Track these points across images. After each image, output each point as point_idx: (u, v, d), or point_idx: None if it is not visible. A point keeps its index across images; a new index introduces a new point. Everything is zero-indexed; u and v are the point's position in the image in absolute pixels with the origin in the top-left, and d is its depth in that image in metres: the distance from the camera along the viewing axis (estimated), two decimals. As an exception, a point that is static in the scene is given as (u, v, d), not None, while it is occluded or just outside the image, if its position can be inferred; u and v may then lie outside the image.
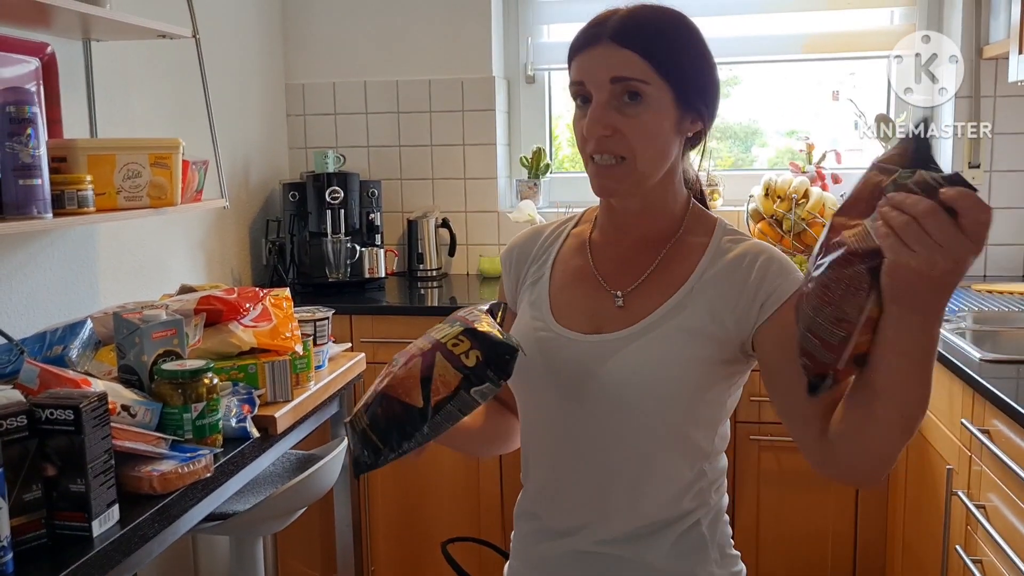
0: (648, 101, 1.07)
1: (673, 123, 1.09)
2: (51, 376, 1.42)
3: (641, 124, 1.07)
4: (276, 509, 1.79)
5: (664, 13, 1.11)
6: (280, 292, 1.88)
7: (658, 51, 1.07)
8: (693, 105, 1.10)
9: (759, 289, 1.10)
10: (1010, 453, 1.63)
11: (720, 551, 1.18)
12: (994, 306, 2.42)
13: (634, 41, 1.06)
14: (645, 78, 1.06)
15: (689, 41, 1.11)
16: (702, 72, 1.12)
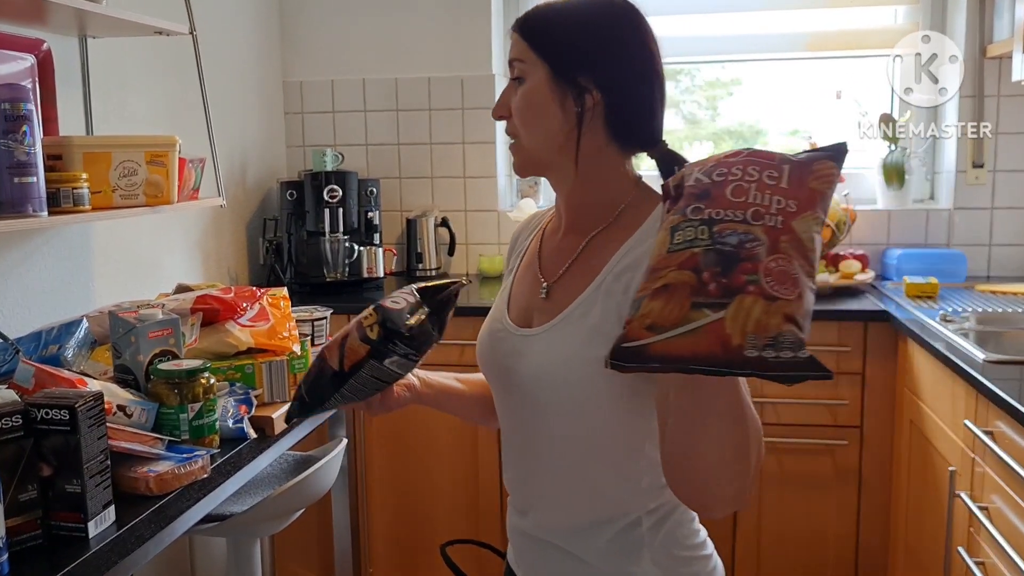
0: (526, 80, 1.10)
1: (553, 98, 1.09)
2: (46, 376, 1.41)
3: (518, 103, 1.11)
4: (274, 510, 1.77)
5: (579, 4, 1.12)
6: (277, 292, 1.86)
7: (533, 30, 1.10)
8: (572, 78, 1.08)
9: None
10: (1013, 454, 1.62)
11: (665, 552, 1.12)
12: (997, 307, 2.40)
13: (522, 25, 1.11)
14: (522, 57, 1.10)
15: (575, 14, 1.11)
16: (580, 42, 1.09)
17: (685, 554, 1.14)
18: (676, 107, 3.40)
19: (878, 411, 2.46)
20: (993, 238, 2.91)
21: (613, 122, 1.10)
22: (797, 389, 2.62)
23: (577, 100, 1.08)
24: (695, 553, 1.15)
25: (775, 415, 2.51)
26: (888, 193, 2.95)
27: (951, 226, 2.92)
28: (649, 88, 1.13)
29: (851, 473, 2.50)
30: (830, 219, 2.74)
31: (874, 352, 2.44)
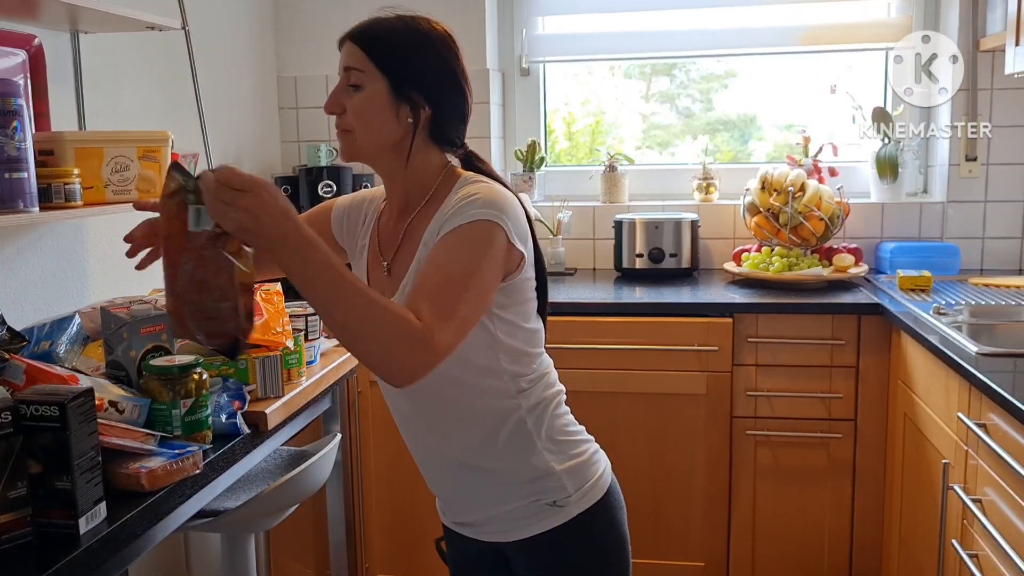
0: (363, 87, 1.31)
1: (386, 105, 1.31)
2: (37, 372, 1.40)
3: (356, 106, 1.31)
4: (268, 506, 1.77)
5: (401, 21, 1.34)
6: (271, 287, 1.86)
7: (377, 47, 1.31)
8: (408, 95, 1.31)
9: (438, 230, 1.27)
10: (1006, 447, 1.62)
11: (550, 440, 1.39)
12: (990, 300, 2.41)
13: (363, 39, 1.32)
14: (363, 68, 1.30)
15: (412, 40, 1.33)
16: (426, 72, 1.32)
17: (570, 438, 1.42)
18: (671, 101, 3.40)
19: (872, 404, 2.47)
20: (986, 231, 2.91)
21: (436, 130, 1.35)
22: (791, 382, 2.63)
23: (411, 113, 1.32)
24: (577, 436, 1.44)
25: (770, 408, 2.51)
26: (881, 187, 2.95)
27: (944, 219, 2.93)
28: (463, 102, 1.38)
29: (845, 466, 2.51)
30: (823, 212, 2.74)
31: (868, 345, 2.45)
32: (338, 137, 1.36)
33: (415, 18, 1.36)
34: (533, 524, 1.38)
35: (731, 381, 2.51)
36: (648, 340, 2.55)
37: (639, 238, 2.92)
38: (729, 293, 2.67)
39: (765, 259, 2.78)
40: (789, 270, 2.70)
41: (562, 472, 1.38)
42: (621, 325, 2.57)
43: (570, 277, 3.05)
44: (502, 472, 1.38)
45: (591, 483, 1.40)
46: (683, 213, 2.98)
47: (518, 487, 1.38)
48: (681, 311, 2.55)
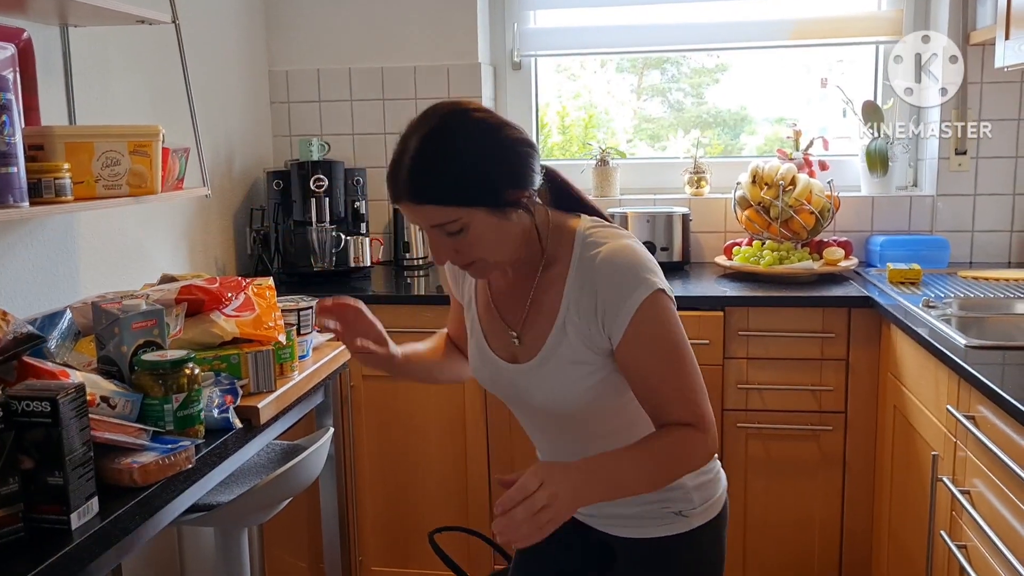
0: (468, 228, 1.23)
1: (498, 224, 1.24)
2: (28, 367, 1.40)
3: (471, 244, 1.25)
4: (261, 500, 1.77)
5: (439, 145, 1.21)
6: (263, 281, 1.86)
7: (452, 193, 1.21)
8: (504, 199, 1.23)
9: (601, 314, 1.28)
10: (995, 439, 1.63)
11: None
12: (980, 292, 2.42)
13: (426, 196, 1.21)
14: (455, 217, 1.22)
15: (471, 157, 1.22)
16: (498, 169, 1.23)
17: None
18: (662, 95, 3.40)
19: (862, 397, 2.48)
20: (976, 224, 2.92)
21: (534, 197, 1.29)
22: (782, 375, 2.63)
23: (519, 208, 1.26)
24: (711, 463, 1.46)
25: (760, 401, 2.52)
26: (871, 180, 2.96)
27: (934, 212, 2.94)
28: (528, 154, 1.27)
29: (836, 458, 2.52)
30: (814, 206, 2.75)
31: (858, 338, 2.46)
32: (469, 272, 1.33)
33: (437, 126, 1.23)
34: (653, 528, 1.44)
35: (722, 374, 2.52)
36: (640, 334, 2.55)
37: (631, 231, 2.92)
38: (720, 287, 2.68)
39: (756, 253, 2.79)
40: (780, 263, 2.71)
41: (692, 487, 1.43)
42: (613, 319, 2.57)
43: (562, 271, 3.05)
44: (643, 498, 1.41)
45: (714, 500, 1.47)
46: (674, 207, 2.99)
47: (650, 502, 1.42)
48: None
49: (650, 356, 1.27)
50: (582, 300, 1.29)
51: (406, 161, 1.21)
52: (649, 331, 1.26)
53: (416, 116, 1.25)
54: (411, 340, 2.69)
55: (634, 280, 1.25)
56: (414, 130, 1.23)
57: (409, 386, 2.70)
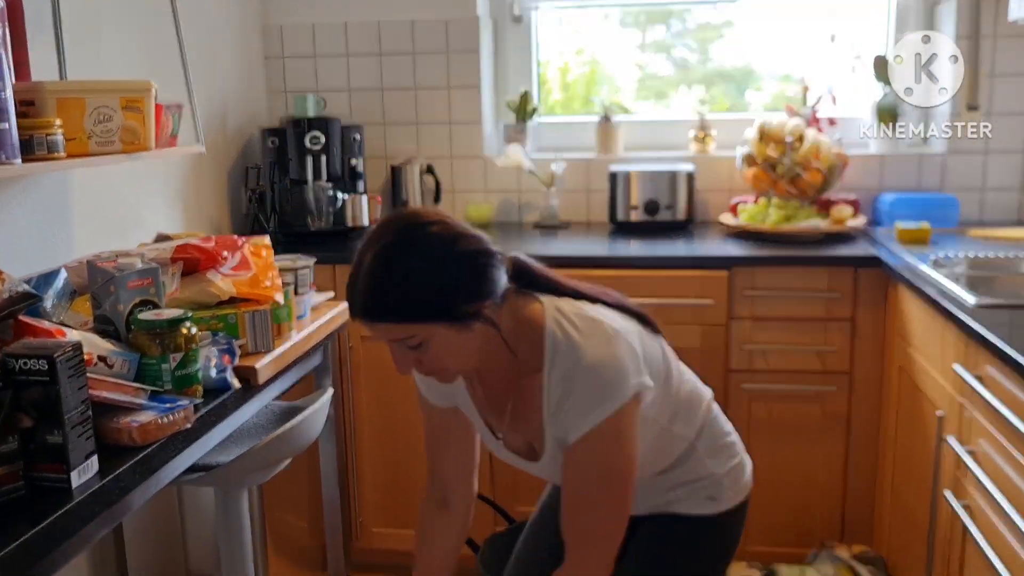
0: (428, 343, 1.24)
1: (459, 337, 1.25)
2: (25, 326, 1.38)
3: (433, 357, 1.27)
4: (260, 460, 1.76)
5: (394, 264, 1.21)
6: (259, 240, 1.83)
7: (409, 312, 1.22)
8: (465, 314, 1.24)
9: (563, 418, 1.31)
10: (1002, 398, 1.61)
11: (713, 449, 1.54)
12: (989, 251, 2.39)
13: (386, 314, 1.22)
14: (411, 334, 1.24)
15: (428, 276, 1.22)
16: (455, 286, 1.23)
17: (726, 441, 1.57)
18: (666, 51, 3.34)
19: (867, 357, 2.46)
20: (987, 182, 2.88)
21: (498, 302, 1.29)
22: (786, 335, 2.62)
23: (480, 319, 1.26)
24: (731, 439, 1.58)
25: (764, 362, 2.50)
26: (881, 137, 2.91)
27: (944, 170, 2.90)
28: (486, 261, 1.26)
29: (839, 419, 2.51)
30: (822, 163, 2.71)
31: (864, 298, 2.43)
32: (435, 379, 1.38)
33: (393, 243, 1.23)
34: (681, 505, 1.51)
35: (727, 335, 2.50)
36: (643, 294, 2.52)
37: (634, 190, 2.89)
38: (725, 246, 2.65)
39: (762, 211, 2.75)
40: (786, 222, 2.68)
41: (722, 474, 1.53)
42: (615, 279, 2.54)
43: (564, 230, 3.02)
44: (668, 473, 1.51)
45: (741, 484, 1.57)
46: (679, 165, 2.95)
47: (684, 484, 1.51)
48: (676, 264, 2.53)
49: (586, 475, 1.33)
50: (556, 412, 1.32)
51: (361, 278, 1.22)
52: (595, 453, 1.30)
53: (376, 224, 1.28)
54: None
55: (601, 406, 1.27)
56: (370, 244, 1.24)
57: (409, 346, 2.68)
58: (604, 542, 1.33)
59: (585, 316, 1.34)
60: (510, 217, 3.20)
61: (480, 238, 1.27)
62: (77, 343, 1.21)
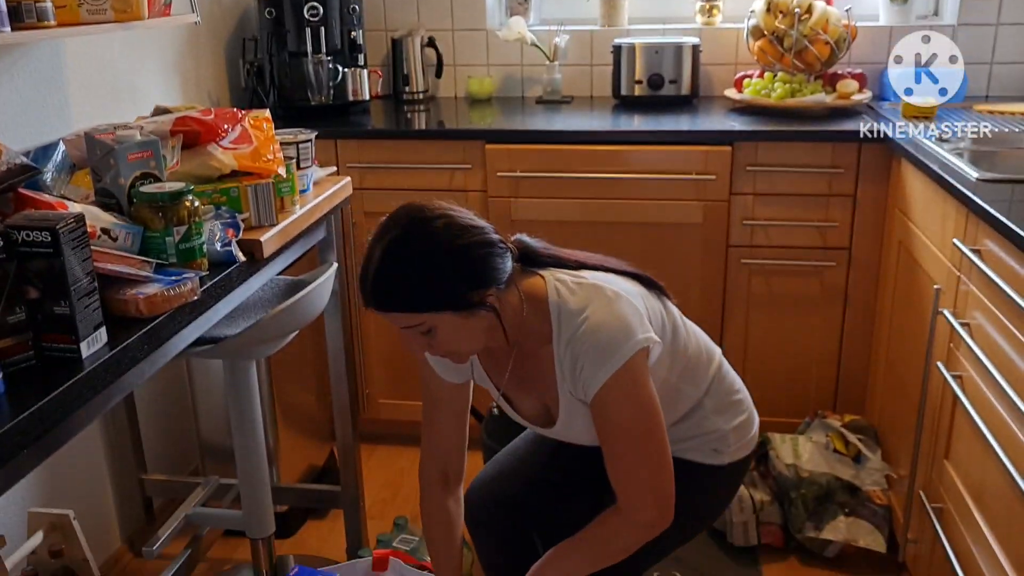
0: (436, 329, 1.33)
1: (465, 323, 1.33)
2: (25, 199, 1.38)
3: (442, 341, 1.35)
4: (267, 333, 1.79)
5: (402, 257, 1.29)
6: (259, 113, 1.81)
7: (417, 302, 1.30)
8: (470, 302, 1.31)
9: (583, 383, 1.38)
10: (999, 272, 1.63)
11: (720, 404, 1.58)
12: (995, 126, 2.36)
13: (395, 304, 1.31)
14: (420, 321, 1.32)
15: (434, 269, 1.29)
16: (460, 277, 1.31)
17: (734, 398, 1.61)
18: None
19: (868, 233, 2.47)
20: (996, 55, 2.82)
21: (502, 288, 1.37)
22: (788, 211, 2.62)
23: (485, 307, 1.33)
24: (740, 396, 1.63)
25: (765, 237, 2.51)
26: (891, 8, 2.84)
27: (954, 43, 2.82)
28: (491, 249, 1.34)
29: (837, 293, 2.54)
30: (830, 36, 2.65)
31: (867, 174, 2.42)
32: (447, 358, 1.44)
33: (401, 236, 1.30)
34: (687, 454, 1.55)
35: (728, 210, 2.50)
36: (645, 169, 2.52)
37: (638, 64, 2.83)
38: (729, 121, 2.62)
39: (767, 85, 2.70)
40: (791, 96, 2.63)
41: (729, 430, 1.57)
42: (618, 154, 2.53)
43: (567, 105, 2.97)
44: (675, 427, 1.54)
45: (747, 439, 1.60)
46: (684, 37, 2.88)
47: (690, 438, 1.55)
48: (679, 139, 2.51)
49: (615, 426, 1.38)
50: (568, 374, 1.40)
51: (371, 270, 1.30)
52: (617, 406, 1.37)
53: (385, 218, 1.33)
54: (413, 177, 2.65)
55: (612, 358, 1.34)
56: (379, 237, 1.32)
57: (411, 223, 2.68)
58: (653, 481, 1.39)
59: (585, 283, 1.41)
60: (512, 92, 3.15)
61: (483, 228, 1.34)
62: (80, 215, 1.21)
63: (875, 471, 2.34)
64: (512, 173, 2.56)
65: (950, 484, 1.87)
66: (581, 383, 1.38)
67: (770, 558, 2.36)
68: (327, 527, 2.58)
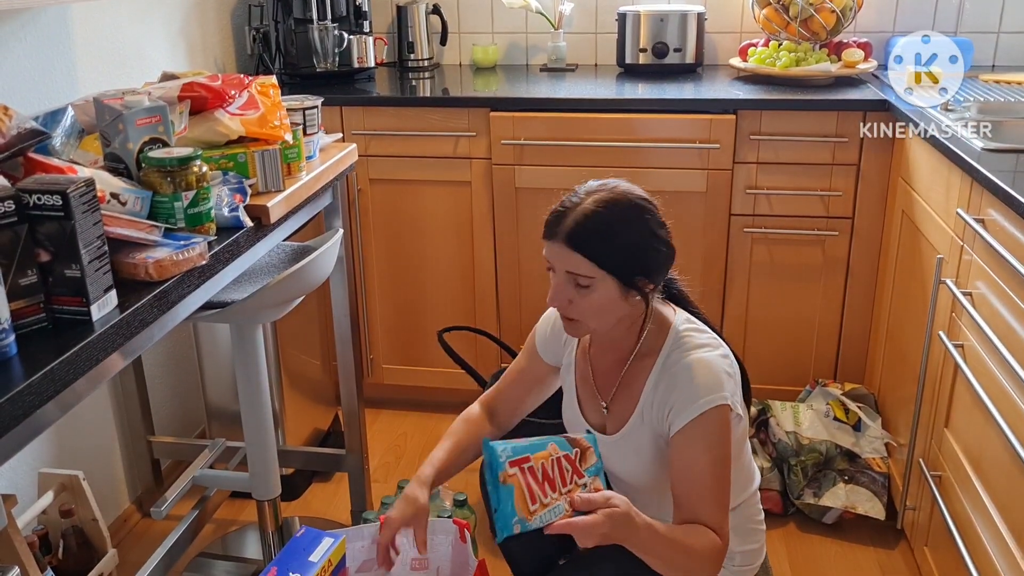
0: (594, 288, 1.41)
1: (618, 298, 1.42)
2: (35, 163, 1.39)
3: (588, 303, 1.42)
4: (274, 297, 1.81)
5: (612, 214, 1.39)
6: (266, 80, 1.81)
7: (603, 255, 1.38)
8: (635, 283, 1.42)
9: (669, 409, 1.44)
10: (1002, 241, 1.64)
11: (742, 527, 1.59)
12: (1000, 96, 2.36)
13: (584, 246, 1.38)
14: (592, 274, 1.39)
15: (632, 238, 1.40)
16: (644, 259, 1.42)
17: (753, 527, 1.63)
18: None
19: (871, 202, 2.47)
20: (1003, 25, 2.81)
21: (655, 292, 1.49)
22: (791, 180, 2.61)
23: (640, 295, 1.44)
24: (759, 526, 1.65)
25: (768, 206, 2.52)
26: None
27: (960, 12, 2.81)
28: (670, 257, 1.46)
29: (839, 263, 2.55)
30: (836, 4, 2.63)
31: (871, 143, 2.42)
32: (564, 324, 1.49)
33: (620, 206, 1.40)
34: None
35: (731, 179, 2.51)
36: (649, 137, 2.52)
37: (643, 32, 2.82)
38: (733, 89, 2.61)
39: (772, 54, 2.70)
40: (796, 65, 2.63)
41: (738, 552, 1.59)
42: (622, 122, 2.53)
43: (571, 73, 2.97)
44: None
45: (752, 567, 1.63)
46: (689, 5, 2.87)
47: None
48: (683, 108, 2.50)
49: (701, 455, 1.40)
50: (658, 394, 1.45)
51: (578, 212, 1.39)
52: (705, 434, 1.40)
53: (600, 181, 1.45)
54: (417, 144, 2.66)
55: (707, 391, 1.40)
56: (590, 192, 1.42)
57: (416, 191, 2.69)
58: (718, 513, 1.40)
59: (710, 333, 1.51)
60: (517, 60, 3.14)
61: (670, 233, 1.46)
62: (90, 179, 1.22)
63: (875, 439, 2.37)
64: (516, 141, 2.57)
65: (950, 452, 1.89)
66: (668, 408, 1.43)
67: (769, 524, 2.36)
68: (332, 490, 2.62)
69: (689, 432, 1.40)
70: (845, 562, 2.26)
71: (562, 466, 1.34)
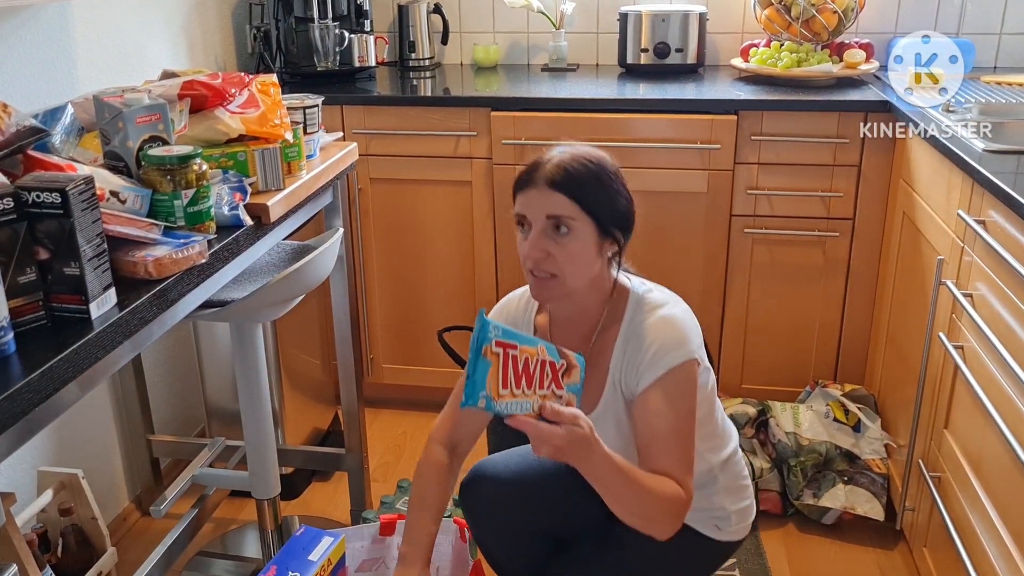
0: (575, 233, 1.40)
1: (595, 247, 1.42)
2: (35, 161, 1.39)
3: (569, 251, 1.40)
4: (274, 296, 1.81)
5: (589, 161, 1.42)
6: (267, 78, 1.81)
7: (585, 195, 1.39)
8: (610, 233, 1.43)
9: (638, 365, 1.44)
10: (1003, 243, 1.63)
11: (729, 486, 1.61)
12: (1001, 97, 2.35)
13: (564, 186, 1.39)
14: (573, 215, 1.39)
15: (610, 183, 1.42)
16: (619, 207, 1.43)
17: (742, 483, 1.64)
18: None
19: (872, 203, 2.47)
20: (1004, 26, 2.80)
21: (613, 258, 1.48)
22: (792, 180, 2.62)
23: (610, 247, 1.44)
24: (747, 482, 1.66)
25: (769, 207, 2.52)
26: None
27: (963, 13, 2.81)
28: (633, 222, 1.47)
29: (840, 264, 2.55)
30: (837, 4, 2.63)
31: (872, 144, 2.42)
32: (537, 284, 1.44)
33: (593, 159, 1.43)
34: (689, 521, 1.56)
35: (732, 179, 2.50)
36: (650, 138, 2.52)
37: (644, 32, 2.82)
38: (734, 90, 2.61)
39: (774, 55, 2.69)
40: (798, 66, 2.62)
41: (733, 511, 1.62)
42: (623, 122, 2.53)
43: (572, 73, 2.97)
44: None
45: (745, 524, 1.65)
46: (691, 5, 2.87)
47: (696, 510, 1.54)
48: (685, 108, 2.50)
49: (667, 409, 1.40)
50: (627, 358, 1.45)
51: (558, 158, 1.41)
52: (672, 389, 1.41)
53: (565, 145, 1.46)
54: (418, 144, 2.66)
55: (675, 346, 1.41)
56: (565, 148, 1.44)
57: (417, 190, 2.69)
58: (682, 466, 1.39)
59: (667, 291, 1.53)
60: (518, 59, 3.14)
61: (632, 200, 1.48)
62: (89, 177, 1.22)
63: (874, 440, 2.36)
64: (517, 141, 2.57)
65: (949, 453, 1.89)
66: (634, 370, 1.43)
67: (768, 525, 2.39)
68: (331, 489, 2.62)
69: (656, 387, 1.41)
70: (844, 563, 2.26)
71: (544, 370, 1.31)
